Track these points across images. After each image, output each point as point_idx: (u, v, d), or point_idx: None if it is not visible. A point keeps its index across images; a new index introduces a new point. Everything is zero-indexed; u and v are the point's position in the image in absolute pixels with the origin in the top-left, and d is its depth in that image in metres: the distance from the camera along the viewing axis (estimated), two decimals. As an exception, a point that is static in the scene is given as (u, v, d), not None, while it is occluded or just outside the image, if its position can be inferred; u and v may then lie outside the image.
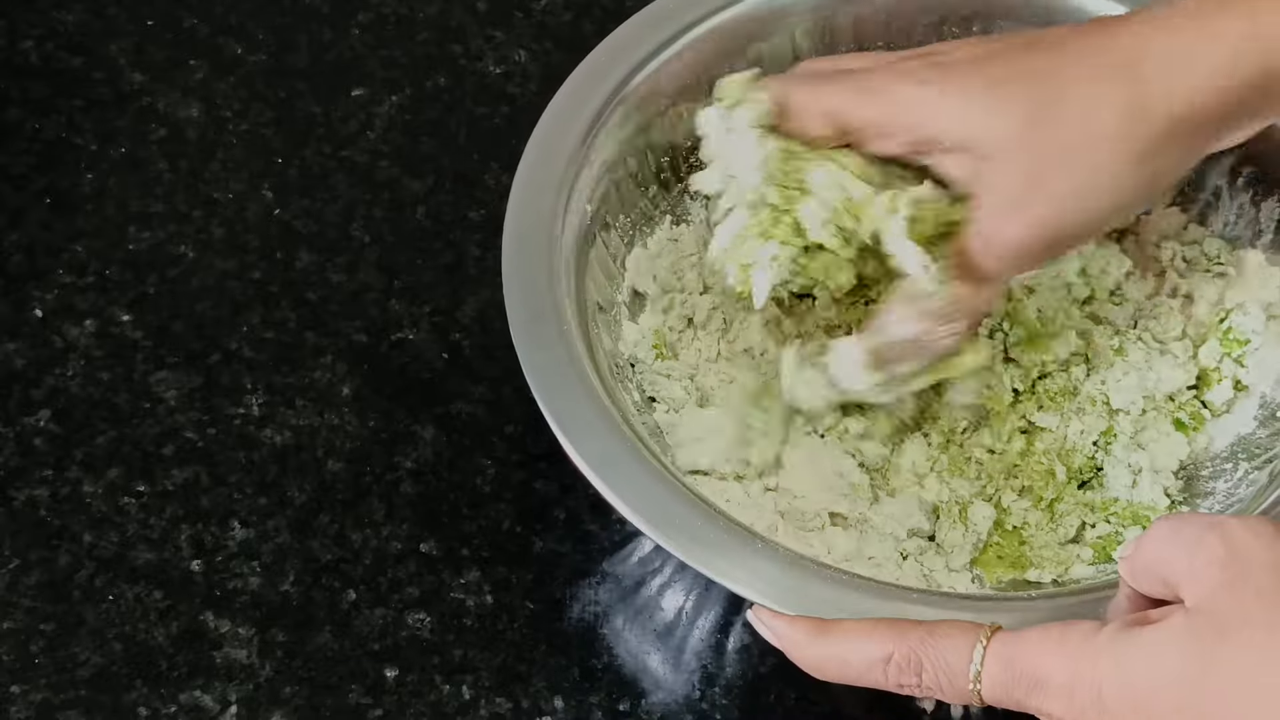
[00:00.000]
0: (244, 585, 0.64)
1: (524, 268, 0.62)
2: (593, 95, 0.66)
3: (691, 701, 0.62)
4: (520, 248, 0.62)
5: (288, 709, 0.61)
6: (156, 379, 0.69)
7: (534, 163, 0.65)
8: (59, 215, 0.74)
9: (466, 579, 0.64)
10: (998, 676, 0.51)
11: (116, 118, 0.77)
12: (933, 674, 0.52)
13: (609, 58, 0.67)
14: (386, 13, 0.81)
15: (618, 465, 0.57)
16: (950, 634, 0.52)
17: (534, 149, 0.65)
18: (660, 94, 0.67)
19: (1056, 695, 0.50)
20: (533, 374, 0.59)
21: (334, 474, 0.67)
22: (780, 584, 0.55)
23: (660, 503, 0.56)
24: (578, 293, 0.63)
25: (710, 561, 0.55)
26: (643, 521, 0.56)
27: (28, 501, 0.65)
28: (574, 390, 0.59)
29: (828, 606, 0.54)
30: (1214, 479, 0.65)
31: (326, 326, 0.71)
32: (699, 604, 0.64)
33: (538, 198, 0.63)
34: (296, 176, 0.76)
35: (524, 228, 0.63)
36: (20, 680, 0.61)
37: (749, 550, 0.56)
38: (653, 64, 0.67)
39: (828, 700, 0.62)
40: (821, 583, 0.56)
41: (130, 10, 0.81)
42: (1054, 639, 0.50)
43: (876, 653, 0.53)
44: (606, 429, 0.58)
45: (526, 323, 0.60)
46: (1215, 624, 0.47)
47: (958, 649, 0.52)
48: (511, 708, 0.61)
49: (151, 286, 0.72)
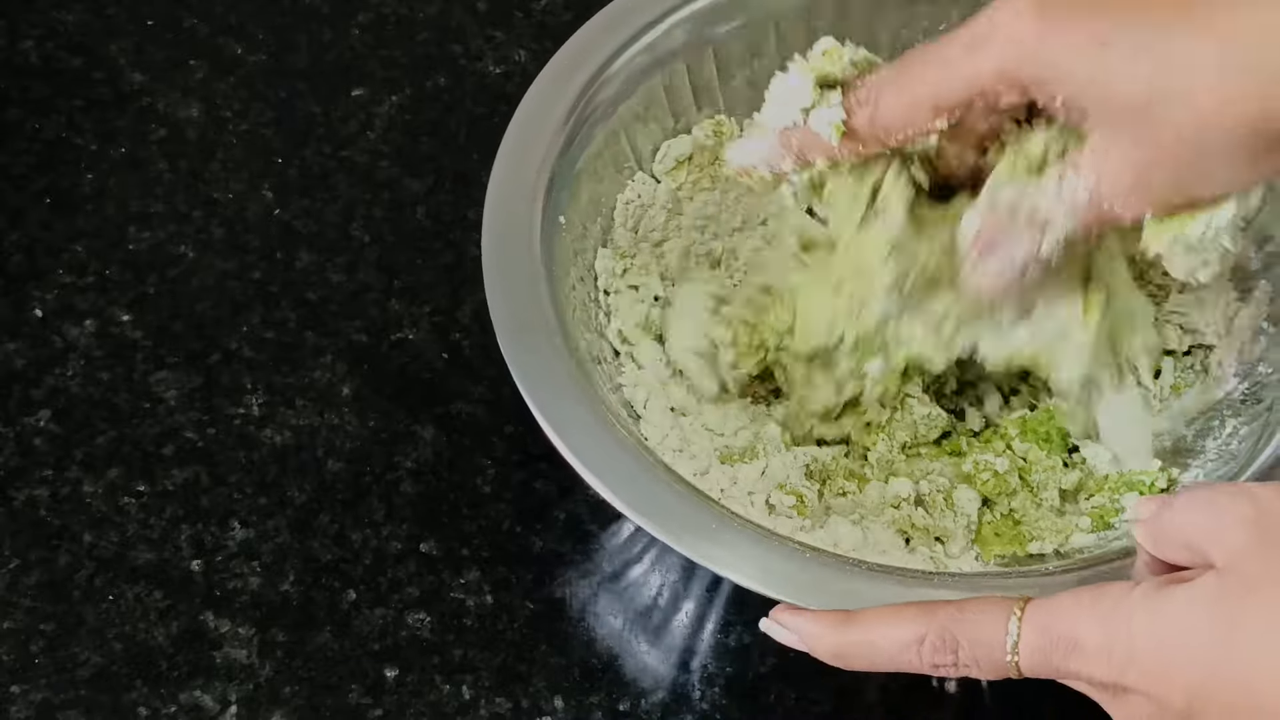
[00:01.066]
0: (244, 585, 0.64)
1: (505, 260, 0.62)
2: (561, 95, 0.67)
3: (691, 701, 0.62)
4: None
5: (288, 709, 0.61)
6: (156, 379, 0.69)
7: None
8: (59, 215, 0.74)
9: (466, 579, 0.64)
10: (1035, 644, 0.51)
11: (116, 118, 0.77)
12: (969, 650, 0.52)
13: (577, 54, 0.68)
14: (386, 13, 0.81)
15: (616, 465, 0.57)
16: (982, 608, 0.52)
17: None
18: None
19: (1095, 656, 0.50)
20: (523, 379, 0.59)
21: (334, 474, 0.67)
22: (797, 580, 0.55)
23: (669, 505, 0.56)
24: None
25: (731, 564, 0.55)
26: (662, 531, 0.56)
27: (28, 501, 0.65)
28: (564, 389, 0.59)
29: (851, 598, 0.54)
30: (1202, 437, 0.65)
31: (326, 326, 0.71)
32: (699, 604, 0.64)
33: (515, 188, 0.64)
34: (296, 176, 0.76)
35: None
36: (20, 680, 0.61)
37: (760, 546, 0.56)
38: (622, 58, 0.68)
39: (828, 700, 0.62)
40: (844, 575, 0.56)
41: (130, 10, 0.81)
42: (1088, 602, 0.50)
43: (908, 635, 0.53)
44: (597, 425, 0.58)
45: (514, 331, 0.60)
46: (1245, 583, 0.48)
47: (993, 621, 0.52)
48: (511, 708, 0.61)
49: (151, 286, 0.72)
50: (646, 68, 0.69)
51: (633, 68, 0.68)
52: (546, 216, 0.64)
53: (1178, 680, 0.48)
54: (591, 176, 0.67)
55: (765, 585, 0.55)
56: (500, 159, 0.65)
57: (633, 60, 0.68)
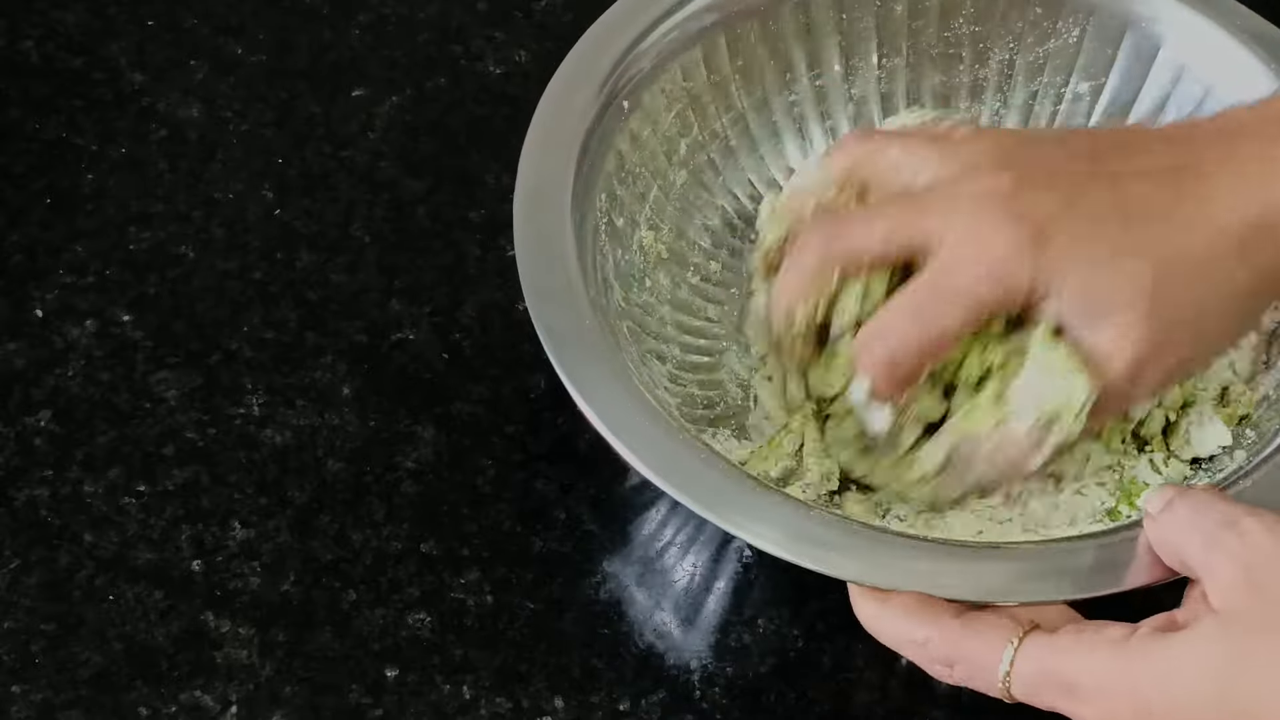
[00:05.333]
0: (244, 585, 0.64)
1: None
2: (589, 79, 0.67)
3: (692, 701, 0.62)
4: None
5: (288, 709, 0.61)
6: (157, 379, 0.69)
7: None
8: (59, 215, 0.74)
9: (466, 579, 0.64)
10: (1028, 678, 0.52)
11: (117, 118, 0.77)
12: (965, 668, 0.53)
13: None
14: (386, 13, 0.81)
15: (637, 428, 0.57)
16: (984, 631, 0.53)
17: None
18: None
19: (1087, 700, 0.51)
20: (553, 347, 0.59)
21: (334, 474, 0.67)
22: (825, 544, 0.56)
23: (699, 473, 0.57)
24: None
25: (759, 532, 0.56)
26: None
27: (28, 501, 0.65)
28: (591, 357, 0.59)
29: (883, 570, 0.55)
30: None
31: (326, 326, 0.71)
32: (699, 604, 0.64)
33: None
34: (297, 176, 0.76)
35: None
36: (20, 680, 0.61)
37: (792, 512, 0.56)
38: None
39: (828, 700, 0.62)
40: (889, 548, 0.56)
41: (130, 10, 0.81)
42: (1086, 643, 0.51)
43: (915, 635, 0.54)
44: (620, 384, 0.58)
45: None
46: (1241, 629, 0.48)
47: (991, 646, 0.53)
48: (511, 708, 0.61)
49: (152, 286, 0.72)
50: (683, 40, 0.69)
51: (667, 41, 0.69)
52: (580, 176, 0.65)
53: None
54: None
55: (794, 553, 0.55)
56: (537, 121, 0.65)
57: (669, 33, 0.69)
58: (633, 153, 0.68)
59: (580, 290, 0.61)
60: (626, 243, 0.67)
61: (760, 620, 0.63)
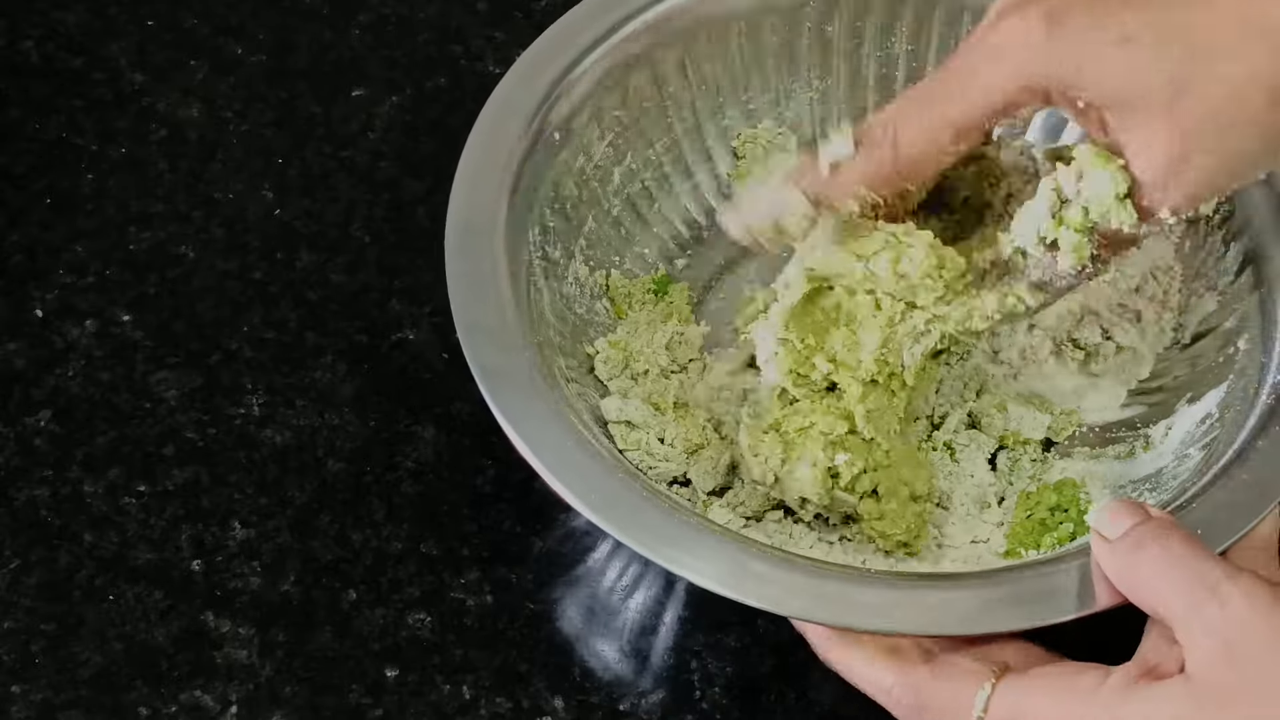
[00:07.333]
0: (244, 585, 0.64)
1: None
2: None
3: (692, 701, 0.62)
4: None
5: (288, 709, 0.61)
6: (157, 379, 0.69)
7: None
8: (59, 215, 0.74)
9: (466, 579, 0.64)
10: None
11: (117, 118, 0.77)
12: (935, 714, 0.53)
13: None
14: (386, 13, 0.81)
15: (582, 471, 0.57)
16: (954, 676, 0.53)
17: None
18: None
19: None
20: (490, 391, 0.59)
21: (334, 474, 0.67)
22: (773, 584, 0.55)
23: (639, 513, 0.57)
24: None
25: (699, 570, 0.55)
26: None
27: (28, 501, 0.65)
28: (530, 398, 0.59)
29: (837, 604, 0.54)
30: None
31: (327, 326, 0.71)
32: (699, 604, 0.64)
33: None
34: (297, 176, 0.76)
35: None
36: (21, 680, 0.61)
37: (735, 551, 0.56)
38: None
39: (828, 700, 0.62)
40: (822, 580, 0.56)
41: (130, 10, 0.81)
42: (1060, 689, 0.51)
43: (880, 681, 0.54)
44: (563, 432, 0.58)
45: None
46: (1215, 693, 0.48)
47: (961, 691, 0.52)
48: (511, 708, 0.61)
49: (152, 286, 0.72)
50: (612, 69, 0.68)
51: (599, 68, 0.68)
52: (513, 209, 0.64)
53: None
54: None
55: (739, 592, 0.54)
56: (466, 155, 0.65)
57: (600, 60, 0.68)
58: (566, 183, 0.67)
59: (515, 325, 0.60)
60: (562, 275, 0.66)
61: (760, 620, 0.63)
